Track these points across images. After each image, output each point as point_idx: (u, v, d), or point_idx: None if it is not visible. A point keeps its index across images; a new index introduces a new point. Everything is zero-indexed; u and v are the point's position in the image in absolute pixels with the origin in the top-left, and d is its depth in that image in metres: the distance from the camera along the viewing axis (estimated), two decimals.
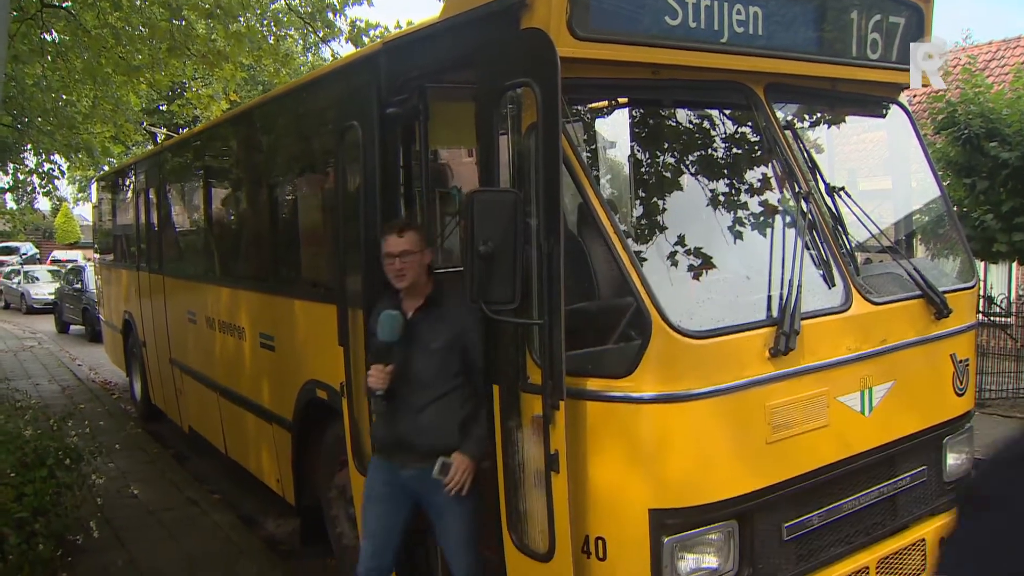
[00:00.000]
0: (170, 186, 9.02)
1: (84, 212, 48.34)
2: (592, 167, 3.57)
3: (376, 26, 10.40)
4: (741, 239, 3.72)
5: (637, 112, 3.87)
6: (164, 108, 25.41)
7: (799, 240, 3.62)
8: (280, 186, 6.12)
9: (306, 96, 5.59)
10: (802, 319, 3.40)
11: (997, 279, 15.75)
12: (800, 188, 3.80)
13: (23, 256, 39.01)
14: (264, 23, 11.16)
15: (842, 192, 4.08)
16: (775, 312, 3.39)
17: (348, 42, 10.64)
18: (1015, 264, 12.95)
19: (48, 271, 29.40)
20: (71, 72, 12.34)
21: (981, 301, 12.89)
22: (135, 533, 6.22)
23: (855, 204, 4.11)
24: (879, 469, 3.86)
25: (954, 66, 11.46)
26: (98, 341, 15.52)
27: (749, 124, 3.97)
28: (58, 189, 23.81)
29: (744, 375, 3.24)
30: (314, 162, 5.51)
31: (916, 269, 4.13)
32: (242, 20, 10.60)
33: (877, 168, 5.28)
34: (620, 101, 3.77)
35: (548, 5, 3.11)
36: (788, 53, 3.89)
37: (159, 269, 8.94)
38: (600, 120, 3.81)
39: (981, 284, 14.75)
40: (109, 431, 9.32)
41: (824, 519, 3.61)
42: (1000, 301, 12.73)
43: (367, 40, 10.21)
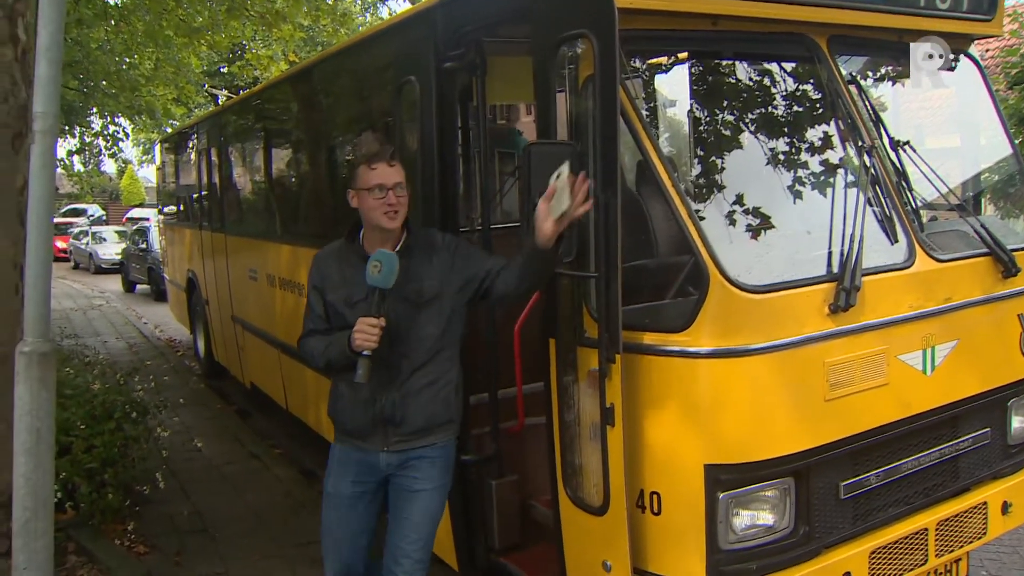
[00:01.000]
0: (230, 146, 9.14)
1: (148, 174, 49.31)
2: (650, 120, 3.53)
3: None
4: (802, 194, 3.65)
5: (696, 65, 3.79)
6: (225, 70, 25.67)
7: (861, 195, 3.54)
8: (338, 143, 6.15)
9: (363, 52, 5.59)
10: (863, 275, 3.34)
11: None
12: (863, 143, 3.71)
13: (91, 218, 39.97)
14: None
15: (907, 147, 3.98)
16: (835, 268, 3.33)
17: (406, 1, 10.63)
18: None
19: (115, 232, 30.07)
20: (133, 35, 12.52)
21: None
22: (199, 485, 6.41)
23: (921, 160, 4.00)
24: (940, 430, 3.78)
25: None
26: (163, 300, 15.88)
27: (811, 78, 3.87)
28: (123, 151, 24.29)
29: (803, 331, 3.19)
30: (372, 118, 5.52)
31: (984, 226, 4.01)
32: None
33: (945, 123, 5.13)
34: (679, 53, 3.71)
35: None
36: (852, 3, 3.77)
37: (221, 228, 9.10)
38: (658, 72, 3.75)
39: None
40: (173, 387, 9.58)
41: (882, 479, 3.55)
42: None
43: None
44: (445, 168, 4.12)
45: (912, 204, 3.85)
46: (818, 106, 3.88)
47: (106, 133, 16.93)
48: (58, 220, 37.32)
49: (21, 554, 3.15)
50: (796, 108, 3.91)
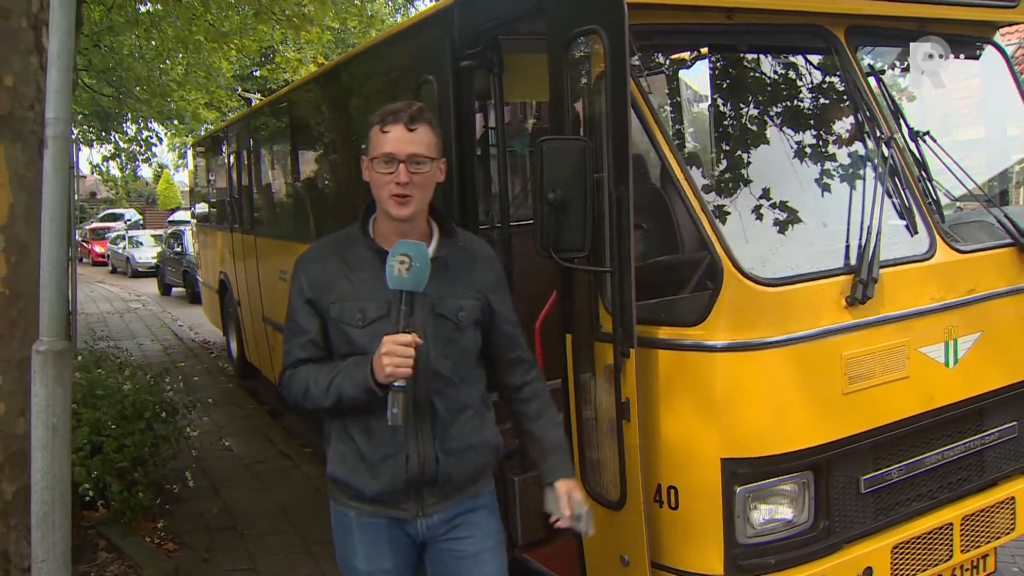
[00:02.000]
0: (259, 148, 9.25)
1: (184, 178, 50.02)
2: (664, 115, 3.53)
3: None
4: (819, 187, 3.63)
5: (710, 58, 3.78)
6: (257, 73, 25.91)
7: (879, 187, 3.51)
8: (360, 144, 6.21)
9: (384, 53, 5.64)
10: (882, 267, 3.31)
11: None
12: (882, 134, 3.68)
13: (127, 222, 40.56)
14: None
15: (928, 138, 3.94)
16: (852, 260, 3.32)
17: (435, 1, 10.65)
18: None
19: (151, 236, 30.50)
20: (164, 41, 12.71)
21: None
22: (229, 483, 6.49)
23: (942, 151, 3.96)
24: (965, 423, 3.74)
25: None
26: (198, 302, 16.09)
27: (829, 69, 3.85)
28: (157, 156, 24.61)
29: (819, 324, 3.17)
30: None
31: (1008, 217, 3.96)
32: None
33: (970, 113, 5.06)
34: (693, 47, 3.70)
35: None
36: None
37: (251, 230, 9.21)
38: (672, 67, 3.75)
39: None
40: (206, 387, 9.72)
41: (905, 473, 3.52)
42: None
43: None
44: (464, 166, 4.15)
45: (933, 195, 3.81)
46: (836, 98, 3.86)
47: (140, 138, 17.20)
48: (95, 225, 37.98)
49: (40, 547, 3.22)
50: (813, 101, 3.88)
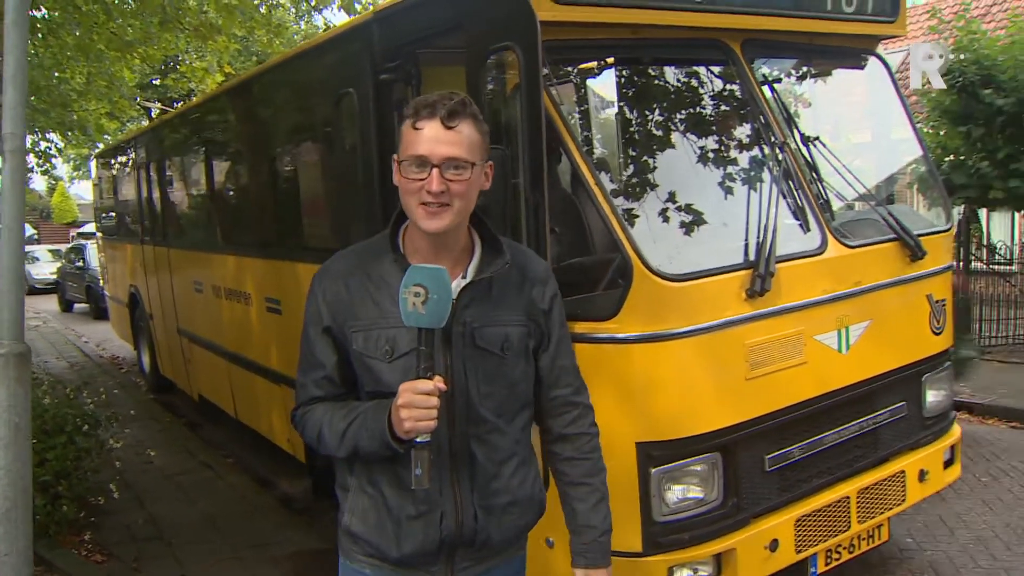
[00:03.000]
0: (171, 159, 9.16)
1: (80, 191, 48.41)
2: (575, 124, 3.74)
3: None
4: (720, 189, 3.90)
5: (618, 71, 4.02)
6: (157, 82, 25.38)
7: (775, 188, 3.81)
8: (281, 153, 6.27)
9: (303, 65, 5.73)
10: (778, 262, 3.60)
11: (1000, 229, 15.92)
12: (776, 139, 3.97)
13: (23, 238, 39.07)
14: None
15: (818, 142, 4.26)
16: (751, 256, 3.59)
17: (340, 10, 10.68)
18: (1018, 214, 13.02)
19: (48, 251, 29.50)
20: (63, 49, 12.39)
21: (984, 251, 13.13)
22: (154, 495, 6.48)
23: (831, 154, 4.28)
24: (859, 404, 4.06)
25: (952, 14, 11.57)
26: (103, 318, 15.74)
27: (727, 79, 4.13)
28: (55, 168, 23.89)
29: (722, 315, 3.44)
30: (313, 129, 5.66)
31: (891, 214, 4.31)
32: None
33: (857, 118, 5.43)
34: (602, 60, 3.93)
35: None
36: (763, 9, 4.04)
37: (163, 242, 9.13)
38: (583, 79, 3.98)
39: (984, 233, 14.97)
40: (121, 403, 9.57)
41: (805, 451, 3.82)
42: (1002, 250, 12.92)
43: (359, 7, 10.28)
44: (385, 174, 4.28)
45: (823, 195, 4.12)
46: (734, 106, 4.15)
47: (37, 150, 16.71)
48: None
49: (3, 541, 3.38)
50: (713, 108, 4.17)
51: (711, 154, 3.99)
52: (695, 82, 4.15)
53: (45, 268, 26.95)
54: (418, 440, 1.90)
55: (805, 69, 4.79)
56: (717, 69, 4.12)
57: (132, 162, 10.72)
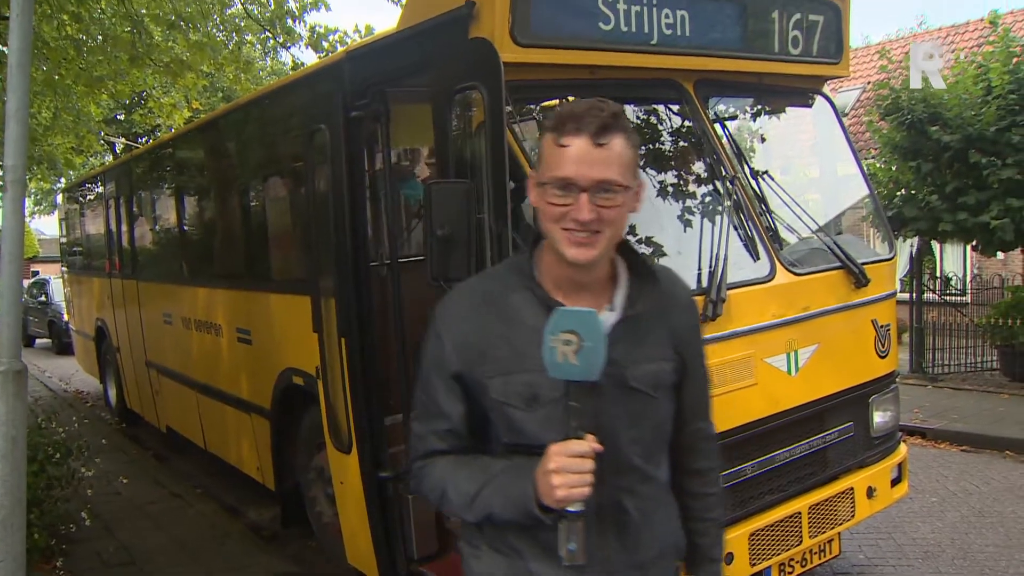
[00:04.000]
0: (142, 194, 9.25)
1: (41, 226, 47.87)
2: (536, 159, 3.94)
3: (335, 31, 10.64)
4: (675, 220, 4.12)
5: None
6: (122, 117, 25.41)
7: (726, 219, 4.03)
8: (253, 188, 6.43)
9: (275, 102, 5.91)
10: (729, 289, 3.80)
11: (952, 260, 16.41)
12: (727, 173, 4.20)
13: None
14: (224, 31, 11.36)
15: (767, 176, 4.50)
16: (704, 283, 3.80)
17: (308, 47, 10.88)
18: (969, 248, 13.46)
19: None
20: (31, 84, 12.41)
21: (937, 282, 13.57)
22: (123, 523, 6.52)
23: (780, 187, 4.52)
24: (808, 424, 4.27)
25: (902, 54, 12.04)
26: (66, 353, 15.65)
27: (681, 116, 4.36)
28: None
29: None
30: (285, 164, 5.83)
31: (836, 243, 4.54)
32: (201, 29, 10.80)
33: (805, 154, 5.70)
34: (563, 99, 4.14)
35: (492, 16, 3.49)
36: (714, 51, 4.27)
37: (132, 275, 9.19)
38: (544, 116, 4.18)
39: (938, 265, 15.42)
40: (88, 435, 9.52)
41: (757, 469, 4.01)
42: (954, 281, 13.36)
43: (326, 45, 10.48)
44: (355, 208, 4.47)
45: (772, 226, 4.35)
46: (688, 142, 4.38)
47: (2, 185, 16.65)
48: None
49: None
50: (668, 145, 4.40)
51: (667, 188, 4.21)
52: (652, 119, 4.37)
53: None
54: (570, 510, 1.66)
55: (756, 107, 5.04)
56: (672, 108, 4.35)
57: (101, 197, 10.77)
